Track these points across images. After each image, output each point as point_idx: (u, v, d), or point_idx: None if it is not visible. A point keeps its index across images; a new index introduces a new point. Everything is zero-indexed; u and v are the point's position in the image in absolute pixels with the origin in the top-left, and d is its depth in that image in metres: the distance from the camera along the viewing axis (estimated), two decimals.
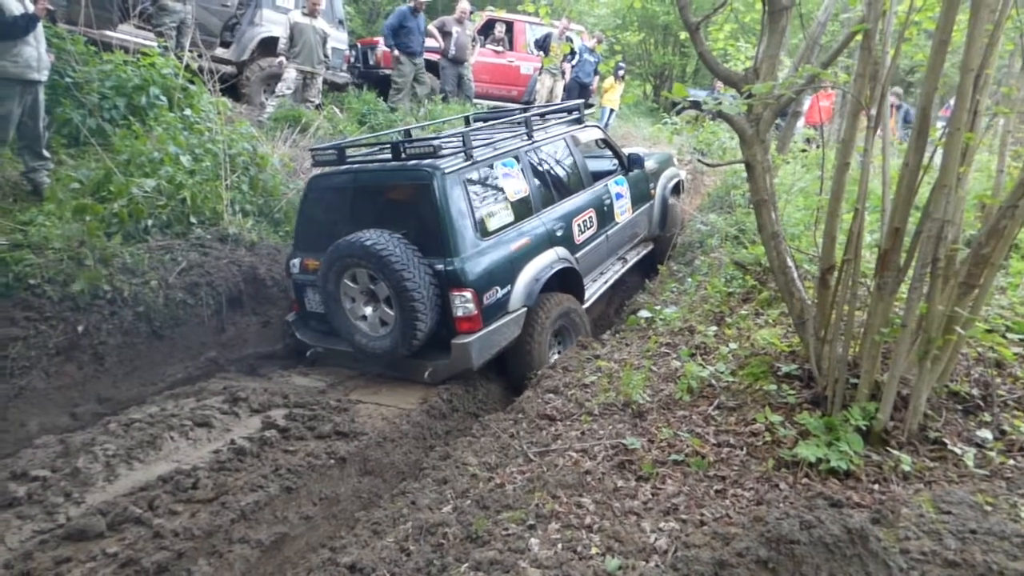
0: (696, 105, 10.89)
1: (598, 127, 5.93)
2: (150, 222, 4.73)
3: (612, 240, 5.43)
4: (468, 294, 3.77)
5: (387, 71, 9.21)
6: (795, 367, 3.02)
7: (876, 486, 2.26)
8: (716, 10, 3.44)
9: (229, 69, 7.95)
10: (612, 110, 11.52)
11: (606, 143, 5.96)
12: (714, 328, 3.88)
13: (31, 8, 4.54)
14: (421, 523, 2.23)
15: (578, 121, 5.61)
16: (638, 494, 2.32)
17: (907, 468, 2.29)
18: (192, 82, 6.25)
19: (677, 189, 6.96)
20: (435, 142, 3.94)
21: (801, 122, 8.95)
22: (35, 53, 4.56)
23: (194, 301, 4.53)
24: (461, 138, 4.16)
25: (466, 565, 1.96)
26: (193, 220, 5.00)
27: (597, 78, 10.98)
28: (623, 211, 5.63)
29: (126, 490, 2.81)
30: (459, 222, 3.84)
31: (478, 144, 4.30)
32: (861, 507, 2.11)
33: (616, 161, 5.97)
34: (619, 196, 5.59)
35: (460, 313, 3.80)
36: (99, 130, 5.46)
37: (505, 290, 4.01)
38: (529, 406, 3.29)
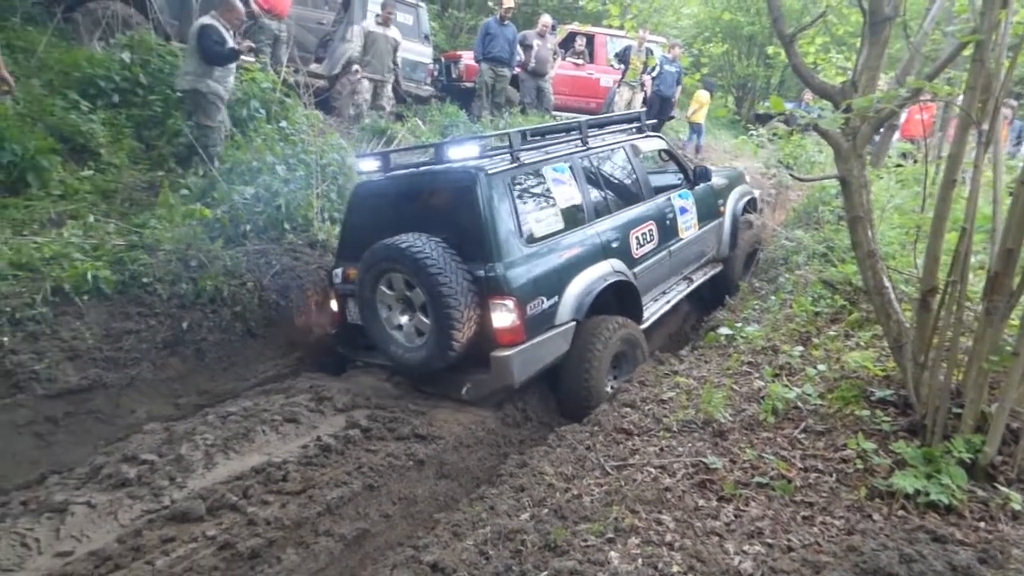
0: (788, 119, 10.53)
1: (661, 138, 5.67)
2: (248, 227, 5.04)
3: (675, 257, 5.05)
4: (510, 303, 3.49)
5: (469, 84, 9.45)
6: (890, 393, 2.87)
7: (982, 524, 2.11)
8: (813, 22, 3.34)
9: (322, 83, 8.38)
10: (700, 126, 11.32)
11: (670, 155, 5.68)
12: (800, 348, 3.73)
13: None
14: (499, 528, 2.27)
15: (639, 131, 5.33)
16: (720, 515, 2.26)
17: (1017, 507, 2.13)
18: (288, 96, 6.65)
19: (750, 207, 6.50)
20: (480, 143, 3.80)
21: (896, 136, 8.49)
22: (232, 79, 5.76)
23: (285, 303, 4.78)
24: (507, 139, 3.94)
25: (545, 573, 1.97)
26: (286, 226, 5.29)
27: (679, 89, 10.82)
28: (688, 227, 5.25)
29: (223, 478, 2.99)
30: (502, 226, 3.59)
31: (527, 148, 4.08)
32: (965, 545, 1.98)
33: (681, 174, 5.64)
34: (683, 211, 5.21)
35: (500, 324, 3.53)
36: None
37: (552, 301, 3.72)
38: (605, 419, 3.28)
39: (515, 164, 3.84)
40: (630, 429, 3.15)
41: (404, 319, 3.81)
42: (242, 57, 5.77)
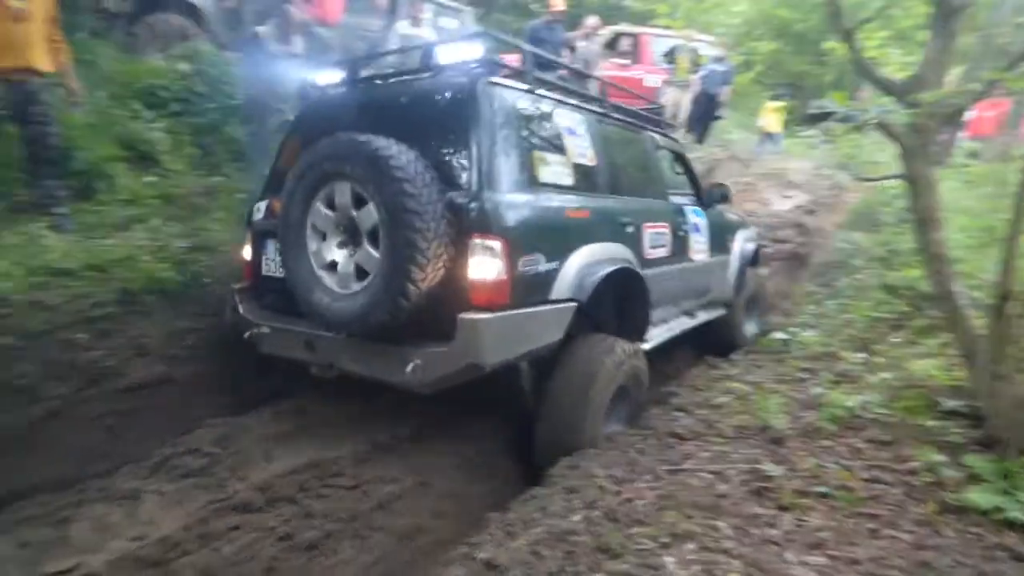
0: (846, 117, 10.20)
1: (679, 143, 5.00)
2: None
3: (684, 280, 4.23)
4: (497, 245, 2.56)
5: None
6: (961, 403, 2.75)
7: None
8: (876, 15, 3.24)
9: None
10: (777, 135, 11.08)
11: (684, 165, 4.85)
12: (861, 355, 3.61)
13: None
14: (551, 529, 2.27)
15: (658, 125, 4.62)
16: (779, 523, 2.21)
17: None
18: None
19: (755, 258, 5.52)
20: (484, 41, 2.91)
21: (962, 134, 8.12)
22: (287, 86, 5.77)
23: None
24: (522, 55, 3.19)
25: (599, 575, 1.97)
26: None
27: (727, 89, 10.62)
28: (699, 250, 4.45)
29: (281, 471, 3.08)
30: (499, 150, 2.75)
31: (540, 79, 3.24)
32: None
33: (693, 189, 4.83)
34: (696, 228, 4.45)
35: (479, 274, 2.55)
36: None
37: (551, 265, 2.83)
38: (658, 422, 3.24)
39: (527, 88, 3.06)
40: (682, 433, 3.11)
41: (341, 254, 2.78)
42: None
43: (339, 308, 2.67)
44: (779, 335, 4.34)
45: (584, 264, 3.01)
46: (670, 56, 10.23)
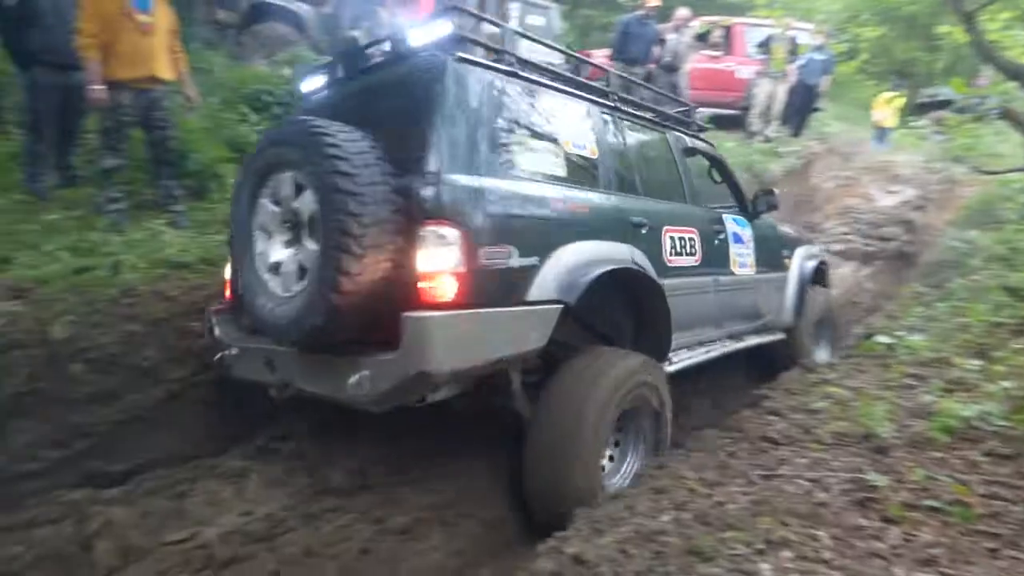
0: (963, 106, 9.40)
1: (709, 144, 4.40)
2: None
3: (724, 295, 3.78)
4: (451, 231, 2.21)
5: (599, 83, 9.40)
6: None
7: None
8: None
9: None
10: (887, 129, 10.45)
11: (723, 170, 4.35)
12: (977, 362, 3.33)
13: None
14: (639, 528, 2.24)
15: (685, 125, 4.20)
16: (885, 537, 2.08)
17: None
18: None
19: (819, 277, 5.03)
20: (456, 18, 2.66)
21: None
22: None
23: None
24: (501, 32, 2.89)
25: None
26: None
27: (827, 79, 10.05)
28: (743, 263, 4.00)
29: (374, 458, 3.22)
30: (466, 131, 2.45)
31: (527, 62, 2.98)
32: None
33: (735, 198, 4.37)
34: (738, 239, 4.01)
35: (430, 265, 2.19)
36: None
37: (528, 260, 2.45)
38: (749, 426, 3.13)
39: (506, 68, 2.77)
40: (776, 438, 2.98)
41: (285, 253, 2.50)
42: None
43: (279, 313, 2.37)
44: (883, 338, 4.07)
45: (576, 262, 2.62)
46: (764, 46, 9.80)
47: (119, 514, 2.61)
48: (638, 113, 3.65)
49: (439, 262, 2.19)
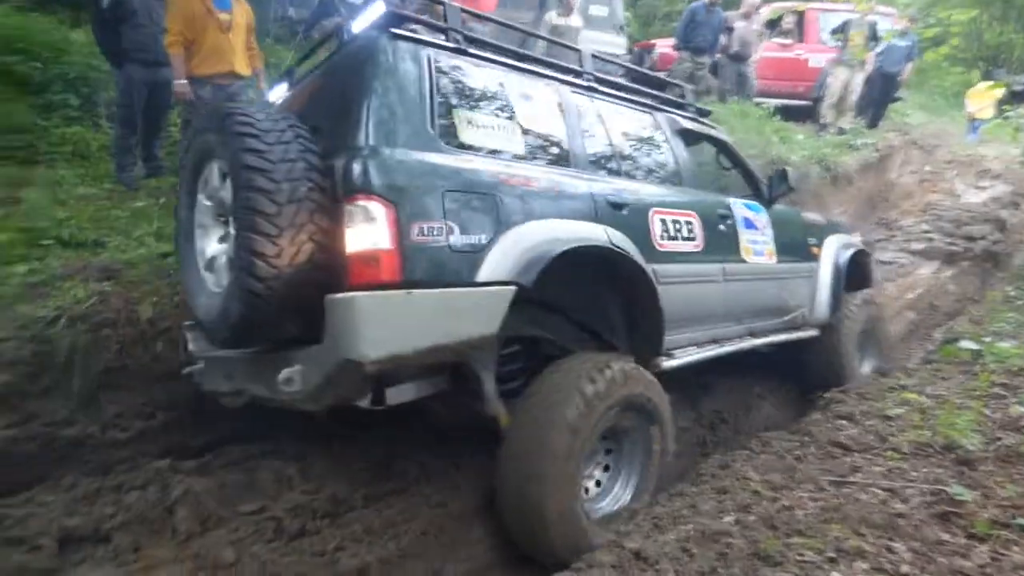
0: None
1: (711, 126, 4.07)
2: None
3: (735, 286, 3.44)
4: (375, 206, 2.03)
5: (661, 73, 9.20)
6: None
7: None
8: None
9: None
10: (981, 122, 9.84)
11: (728, 152, 4.06)
12: None
13: None
14: (702, 528, 2.20)
15: (678, 106, 3.87)
16: (971, 555, 1.96)
17: None
18: None
19: (860, 272, 4.51)
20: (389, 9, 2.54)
21: None
22: None
23: None
24: (443, 11, 2.74)
25: None
26: None
27: (909, 67, 9.49)
28: (758, 250, 3.64)
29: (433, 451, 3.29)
30: (397, 103, 2.31)
31: (477, 40, 2.85)
32: None
33: (747, 182, 4.07)
34: (749, 224, 3.65)
35: (357, 245, 2.02)
36: None
37: (472, 238, 2.24)
38: (817, 430, 3.02)
39: (451, 45, 2.64)
40: (847, 444, 2.86)
41: (219, 248, 2.43)
42: None
43: (212, 310, 2.27)
44: (968, 344, 3.83)
45: (536, 241, 2.37)
46: (840, 32, 9.32)
47: (198, 484, 2.77)
48: (619, 93, 3.42)
49: (364, 240, 2.01)
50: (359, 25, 2.63)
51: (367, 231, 2.01)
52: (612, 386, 2.44)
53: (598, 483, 2.64)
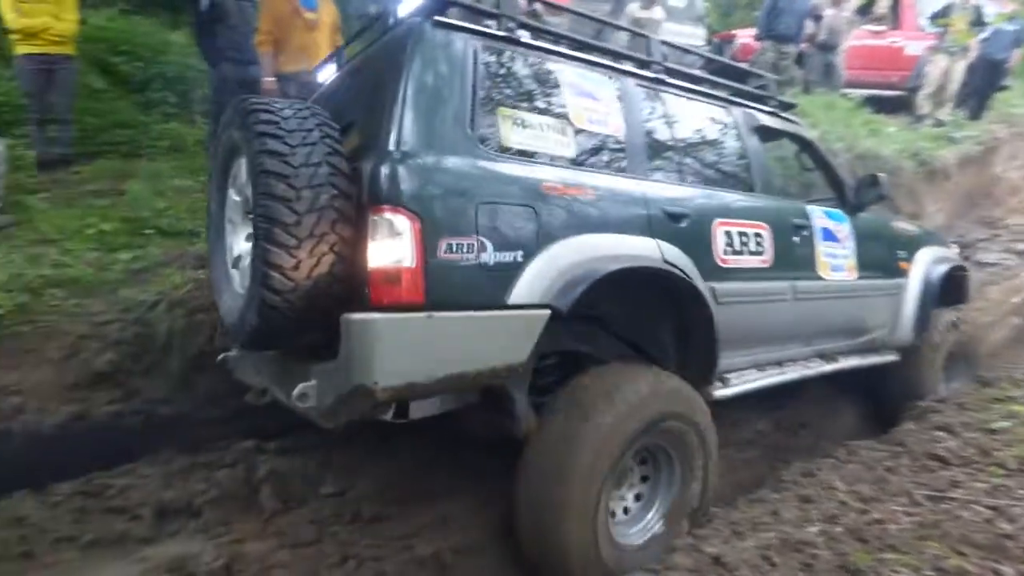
0: None
1: (792, 119, 3.63)
2: None
3: (809, 306, 3.10)
4: (400, 219, 1.85)
5: (742, 64, 8.87)
6: None
7: None
8: None
9: None
10: None
11: (814, 154, 3.65)
12: None
13: None
14: (785, 536, 2.12)
15: (759, 99, 3.48)
16: None
17: None
18: None
19: (953, 287, 3.98)
20: None
21: None
22: None
23: None
24: None
25: None
26: None
27: (1017, 52, 8.74)
28: (837, 266, 3.27)
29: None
30: (429, 99, 2.09)
31: (538, 29, 2.62)
32: None
33: (832, 187, 3.64)
34: (828, 235, 3.28)
35: (379, 260, 1.87)
36: None
37: (507, 255, 2.02)
38: (912, 441, 2.85)
39: (502, 34, 2.37)
40: (946, 457, 2.68)
41: (245, 247, 2.27)
42: None
43: (234, 310, 2.15)
44: None
45: (577, 259, 2.13)
46: (940, 17, 8.69)
47: (282, 464, 2.89)
48: (690, 86, 3.10)
49: (387, 255, 1.84)
50: (404, 8, 2.39)
51: (390, 246, 1.84)
52: (648, 401, 2.17)
53: (626, 511, 2.35)
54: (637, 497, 2.37)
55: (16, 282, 3.28)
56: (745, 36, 9.16)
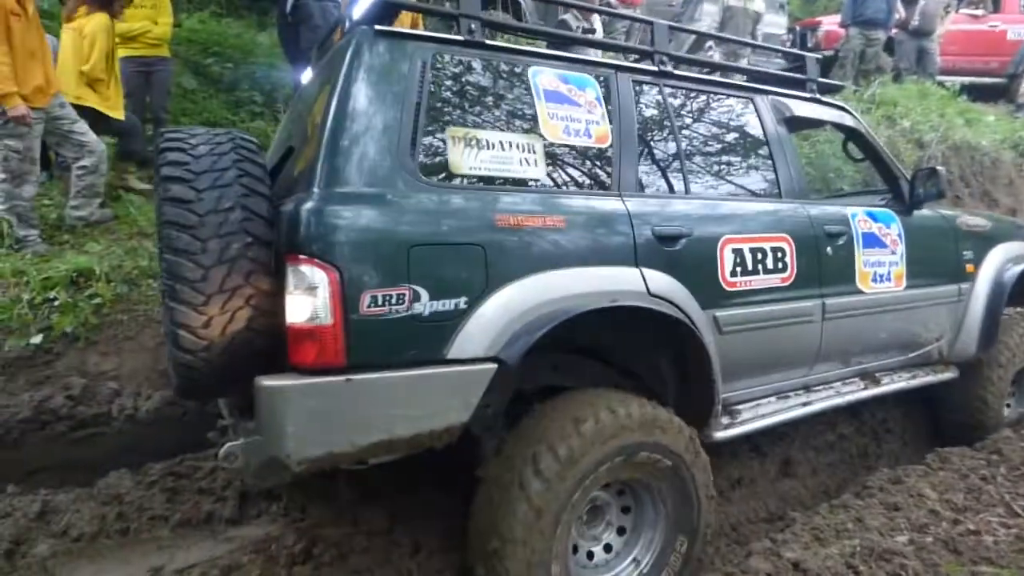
0: None
1: (836, 104, 3.13)
2: None
3: (839, 323, 2.67)
4: (315, 272, 1.62)
5: (828, 53, 8.46)
6: None
7: None
8: None
9: None
10: None
11: (863, 144, 3.17)
12: None
13: None
14: (870, 545, 2.04)
15: (796, 84, 3.00)
16: None
17: None
18: None
19: None
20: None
21: None
22: None
23: None
24: None
25: None
26: None
27: None
28: (881, 274, 2.84)
29: None
30: (359, 125, 1.81)
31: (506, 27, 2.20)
32: None
33: (885, 182, 3.21)
34: (873, 241, 2.83)
35: (293, 316, 1.66)
36: None
37: (450, 302, 1.75)
38: (1009, 449, 2.69)
39: (461, 39, 2.06)
40: None
41: None
42: None
43: (171, 364, 1.91)
44: None
45: (533, 302, 1.83)
46: None
47: None
48: (705, 76, 2.70)
49: (303, 311, 1.62)
50: (358, 11, 2.11)
51: (306, 302, 1.62)
52: (611, 429, 1.88)
53: (607, 548, 2.12)
54: (620, 531, 2.13)
55: (116, 273, 3.48)
56: (830, 23, 8.77)
